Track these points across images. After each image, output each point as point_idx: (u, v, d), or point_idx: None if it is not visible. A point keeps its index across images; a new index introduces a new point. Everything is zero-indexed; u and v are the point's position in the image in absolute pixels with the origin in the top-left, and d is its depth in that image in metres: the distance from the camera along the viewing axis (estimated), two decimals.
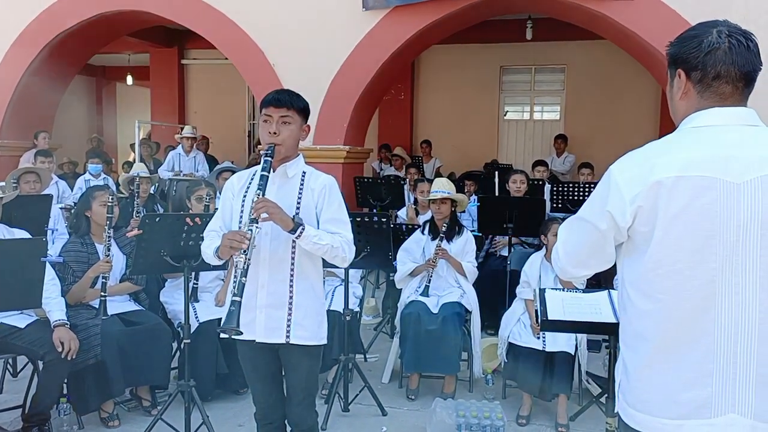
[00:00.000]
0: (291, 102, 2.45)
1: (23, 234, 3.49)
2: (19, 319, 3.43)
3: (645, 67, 8.10)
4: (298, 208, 2.46)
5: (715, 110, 1.58)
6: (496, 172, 6.28)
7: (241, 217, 2.47)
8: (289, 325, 2.44)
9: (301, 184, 2.50)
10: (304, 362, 2.51)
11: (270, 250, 2.43)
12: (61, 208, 5.81)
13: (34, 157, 6.99)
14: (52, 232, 5.08)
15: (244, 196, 2.49)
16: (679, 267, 1.54)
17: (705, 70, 1.57)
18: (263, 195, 2.31)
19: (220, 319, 3.86)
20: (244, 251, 2.25)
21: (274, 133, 2.41)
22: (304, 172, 2.53)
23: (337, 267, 4.25)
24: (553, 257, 1.80)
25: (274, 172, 2.44)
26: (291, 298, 2.45)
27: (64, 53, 8.41)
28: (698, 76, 1.59)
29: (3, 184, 4.96)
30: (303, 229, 2.34)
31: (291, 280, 2.45)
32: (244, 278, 2.25)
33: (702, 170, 1.51)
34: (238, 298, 2.22)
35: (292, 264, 2.45)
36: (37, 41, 8.06)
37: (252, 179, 2.53)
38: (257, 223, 2.29)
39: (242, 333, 2.29)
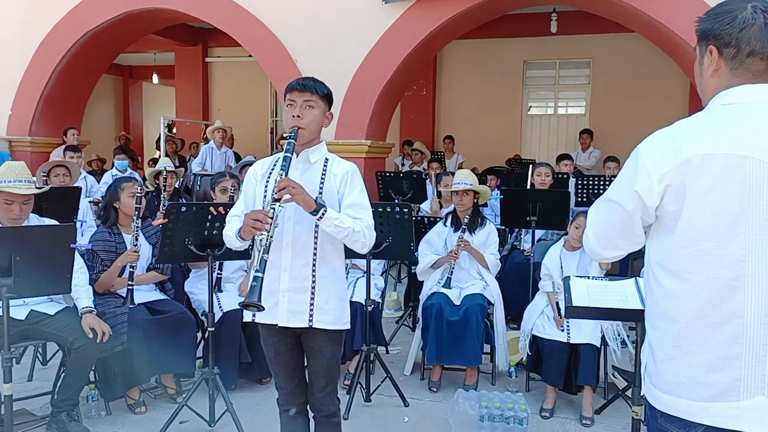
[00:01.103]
0: (315, 87, 2.47)
1: (53, 223, 3.56)
2: (49, 306, 3.49)
3: (674, 60, 7.96)
4: (320, 193, 2.47)
5: (746, 87, 1.55)
6: (530, 166, 6.21)
7: (264, 198, 2.48)
8: (311, 310, 2.45)
9: (324, 170, 2.51)
10: (326, 347, 2.51)
11: (293, 235, 2.44)
12: (89, 202, 5.93)
13: (63, 152, 7.13)
14: (81, 225, 5.18)
15: (267, 182, 2.51)
16: (707, 246, 1.51)
17: (739, 47, 1.54)
18: (286, 176, 2.33)
19: (241, 309, 3.94)
20: (267, 229, 2.26)
21: (298, 116, 2.43)
22: (327, 158, 2.55)
23: (359, 257, 4.31)
24: (584, 238, 1.79)
25: (296, 156, 2.46)
26: (314, 282, 2.46)
27: (91, 52, 8.55)
28: (731, 52, 1.55)
29: (35, 178, 5.09)
30: (325, 210, 2.36)
31: (314, 265, 2.46)
32: (266, 255, 2.26)
33: (731, 148, 1.48)
34: (260, 274, 2.23)
35: (315, 248, 2.46)
36: (66, 40, 8.22)
37: (274, 165, 2.54)
38: (279, 202, 2.30)
39: (264, 308, 2.29)
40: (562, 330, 3.89)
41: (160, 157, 9.25)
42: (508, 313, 4.69)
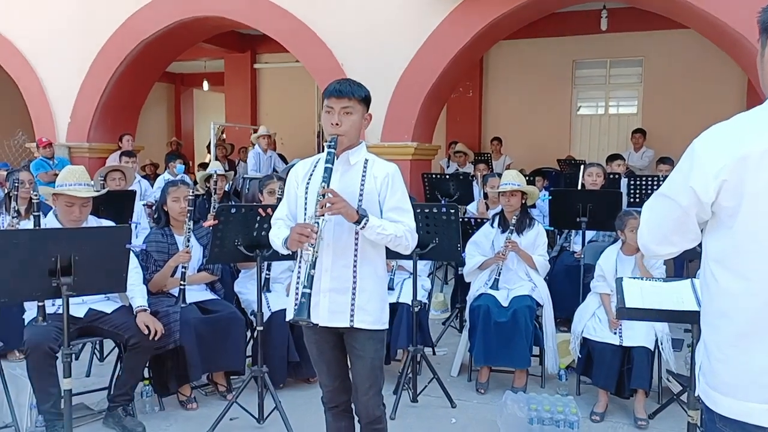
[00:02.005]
0: (352, 92, 2.46)
1: (110, 224, 3.69)
2: (106, 305, 3.62)
3: (731, 57, 7.69)
4: (361, 195, 2.48)
5: None
6: (581, 166, 6.08)
7: (306, 206, 2.51)
8: (352, 310, 2.47)
9: (364, 172, 2.52)
10: (368, 347, 2.51)
11: (334, 236, 2.46)
12: (143, 205, 6.12)
13: (119, 157, 7.40)
14: (135, 227, 5.35)
15: (308, 184, 2.53)
16: (766, 244, 1.46)
17: None
18: (328, 187, 2.35)
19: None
20: (312, 244, 2.30)
21: (336, 124, 2.44)
22: (366, 160, 2.55)
23: (405, 258, 4.31)
24: (638, 234, 1.76)
25: (337, 158, 2.47)
26: (354, 282, 2.47)
27: (145, 60, 8.85)
28: None
29: (92, 182, 5.29)
30: (367, 220, 2.38)
31: (354, 265, 2.48)
32: (312, 270, 2.31)
33: None
34: (308, 290, 2.29)
35: (356, 249, 2.48)
36: (121, 50, 8.52)
37: (315, 167, 2.57)
38: (324, 216, 2.33)
39: (314, 324, 2.35)
40: (615, 333, 3.79)
41: (210, 161, 9.47)
42: (557, 315, 4.61)
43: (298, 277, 2.52)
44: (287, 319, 2.62)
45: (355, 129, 2.49)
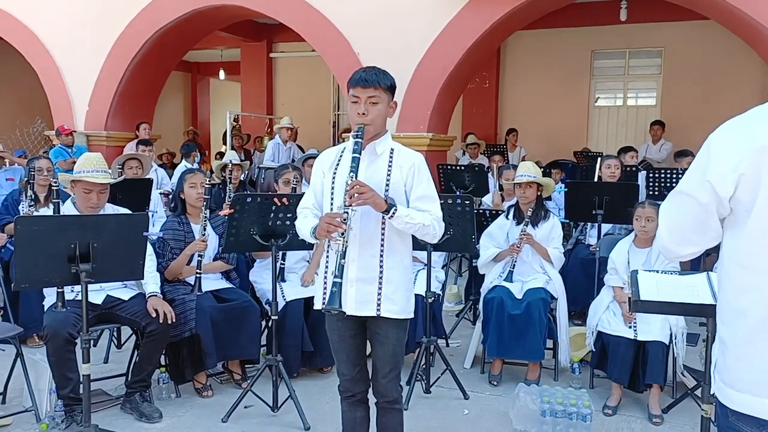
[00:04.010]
0: (378, 81, 2.45)
1: (127, 212, 3.73)
2: (124, 292, 3.66)
3: (752, 48, 7.57)
4: (387, 184, 2.49)
5: None
6: (598, 159, 6.03)
7: (332, 195, 2.52)
8: (379, 299, 2.49)
9: (390, 161, 2.52)
10: (391, 334, 2.54)
11: (360, 227, 2.47)
12: (160, 194, 6.17)
13: (136, 146, 7.46)
14: (152, 215, 5.39)
15: (334, 174, 2.54)
16: None
17: None
18: (356, 178, 2.36)
19: (305, 299, 4.01)
20: (342, 234, 2.31)
21: (363, 114, 2.44)
22: (392, 149, 2.55)
23: (419, 249, 4.31)
24: (656, 237, 1.73)
25: (363, 149, 2.47)
26: (381, 272, 2.49)
27: (162, 49, 8.89)
28: None
29: (110, 171, 5.36)
30: (395, 210, 2.40)
31: (381, 256, 2.49)
32: (343, 260, 2.32)
33: None
34: (339, 280, 2.31)
35: (383, 239, 2.49)
36: (138, 39, 8.57)
37: (341, 156, 2.57)
38: (352, 206, 2.35)
39: (345, 313, 2.39)
40: (630, 327, 3.77)
41: (226, 150, 9.52)
42: (571, 308, 4.59)
43: (327, 266, 2.54)
44: (316, 307, 2.63)
45: (381, 118, 2.49)
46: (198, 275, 3.85)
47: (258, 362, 4.04)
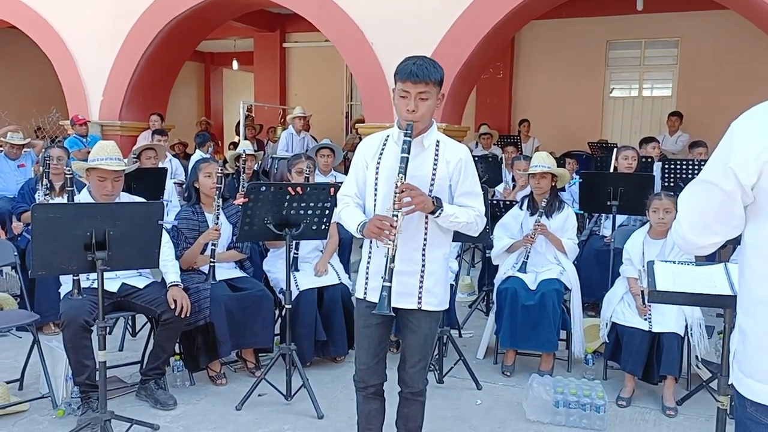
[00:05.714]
0: (428, 75, 2.37)
1: (142, 200, 3.75)
2: (139, 280, 3.69)
3: None
4: (432, 179, 2.48)
5: None
6: (614, 149, 5.96)
7: (376, 186, 2.50)
8: (420, 292, 2.50)
9: (436, 155, 2.50)
10: (425, 324, 2.55)
11: (405, 220, 2.44)
12: (174, 183, 6.21)
13: (151, 135, 7.49)
14: (167, 204, 5.43)
15: (378, 163, 2.52)
16: None
17: None
18: (405, 178, 2.35)
19: (319, 288, 4.02)
20: (391, 239, 2.32)
21: (413, 111, 2.39)
22: (438, 141, 2.53)
23: None
24: (674, 228, 1.68)
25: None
26: (423, 266, 2.50)
27: (175, 39, 8.90)
28: None
29: (126, 160, 5.40)
30: (442, 210, 2.42)
31: (424, 249, 2.50)
32: (392, 264, 2.32)
33: None
34: (388, 284, 2.31)
35: (426, 233, 2.50)
36: (152, 29, 8.58)
37: (384, 144, 2.55)
38: (402, 209, 2.35)
39: (395, 316, 2.42)
40: (645, 318, 3.75)
41: (239, 141, 9.54)
42: (585, 299, 4.56)
43: (369, 258, 2.54)
44: (357, 296, 2.62)
45: (430, 113, 2.45)
46: (212, 264, 3.87)
47: (271, 351, 4.06)
